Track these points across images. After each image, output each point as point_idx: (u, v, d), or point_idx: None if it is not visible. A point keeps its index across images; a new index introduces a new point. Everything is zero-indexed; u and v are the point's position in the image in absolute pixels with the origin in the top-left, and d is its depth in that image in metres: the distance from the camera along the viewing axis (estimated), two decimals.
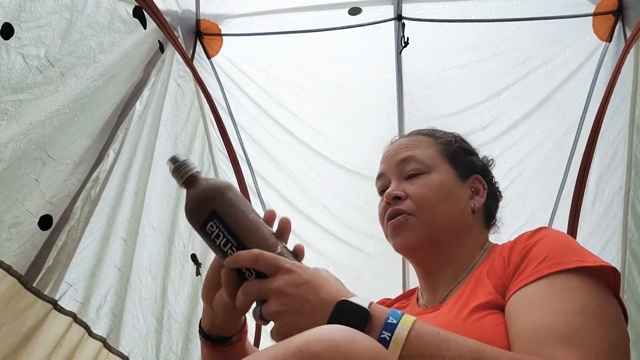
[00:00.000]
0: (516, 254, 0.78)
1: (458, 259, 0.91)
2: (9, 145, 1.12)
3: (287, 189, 2.23)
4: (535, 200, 2.10)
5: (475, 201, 0.95)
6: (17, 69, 1.13)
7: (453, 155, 0.97)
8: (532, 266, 0.74)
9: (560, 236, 0.79)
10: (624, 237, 1.78)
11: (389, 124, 2.13)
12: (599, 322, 0.66)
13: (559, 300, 0.68)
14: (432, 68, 2.03)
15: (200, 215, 0.66)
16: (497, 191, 1.03)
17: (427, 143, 0.98)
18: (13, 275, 1.20)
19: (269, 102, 2.10)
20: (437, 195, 0.90)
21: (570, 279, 0.70)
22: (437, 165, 0.94)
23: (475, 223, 0.95)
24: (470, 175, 0.97)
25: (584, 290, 0.69)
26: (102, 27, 1.39)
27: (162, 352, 1.74)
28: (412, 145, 0.97)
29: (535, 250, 0.76)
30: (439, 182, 0.92)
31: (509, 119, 2.03)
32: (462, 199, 0.93)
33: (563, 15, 1.87)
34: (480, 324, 0.73)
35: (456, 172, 0.95)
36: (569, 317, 0.66)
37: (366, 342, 0.55)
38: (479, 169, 0.99)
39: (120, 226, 1.57)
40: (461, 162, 0.96)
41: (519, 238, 0.82)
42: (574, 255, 0.73)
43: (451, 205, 0.91)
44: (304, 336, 0.54)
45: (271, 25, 1.98)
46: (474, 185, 0.97)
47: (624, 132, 1.77)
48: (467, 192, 0.95)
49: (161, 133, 1.75)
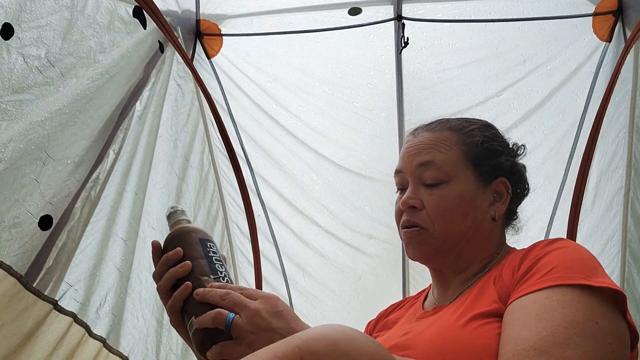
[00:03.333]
0: (526, 262, 0.76)
1: (475, 263, 0.88)
2: (9, 146, 1.12)
3: (287, 189, 2.23)
4: (535, 200, 2.09)
5: (496, 208, 0.88)
6: (18, 69, 1.13)
7: (478, 159, 0.88)
8: (537, 277, 0.71)
9: (575, 250, 0.75)
10: (624, 238, 1.78)
11: (389, 124, 2.13)
12: (586, 336, 0.63)
13: (549, 312, 0.66)
14: (432, 68, 2.03)
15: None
16: (524, 190, 0.96)
17: (452, 142, 0.89)
18: (13, 276, 1.20)
19: (269, 103, 2.10)
20: (456, 208, 0.85)
21: (569, 293, 0.67)
22: (458, 173, 0.87)
23: (495, 228, 0.90)
24: (495, 179, 0.89)
25: (580, 306, 0.66)
26: (102, 27, 1.38)
27: (162, 353, 1.74)
28: (434, 145, 0.88)
29: (544, 261, 0.73)
30: (458, 193, 0.85)
31: (509, 119, 2.03)
32: (481, 208, 0.87)
33: (563, 15, 1.87)
34: (480, 332, 0.71)
35: (479, 178, 0.88)
36: (554, 330, 0.64)
37: (366, 342, 0.55)
38: (506, 171, 0.91)
39: (120, 226, 1.57)
40: (487, 165, 0.89)
41: (534, 246, 0.79)
42: (582, 272, 0.70)
43: (469, 217, 0.86)
44: (304, 335, 0.54)
45: (271, 25, 1.98)
46: (497, 189, 0.89)
47: (623, 132, 1.77)
48: (488, 198, 0.88)
49: (161, 133, 1.75)
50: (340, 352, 0.52)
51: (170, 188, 1.81)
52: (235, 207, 2.20)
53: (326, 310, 2.34)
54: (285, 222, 2.27)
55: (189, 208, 1.93)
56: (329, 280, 2.31)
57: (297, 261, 2.30)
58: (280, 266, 2.30)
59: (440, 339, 0.73)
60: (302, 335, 0.54)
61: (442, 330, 0.75)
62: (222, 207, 2.15)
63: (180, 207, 0.81)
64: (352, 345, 0.54)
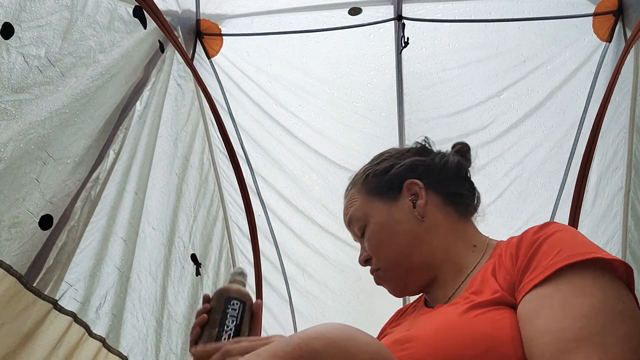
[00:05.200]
0: (525, 249, 0.74)
1: (447, 264, 0.89)
2: (9, 145, 1.12)
3: (287, 189, 2.23)
4: (535, 200, 2.10)
5: (418, 206, 0.91)
6: (18, 69, 1.13)
7: (374, 187, 0.96)
8: (546, 261, 0.70)
9: (571, 230, 0.75)
10: (624, 238, 1.78)
11: (389, 124, 2.13)
12: (618, 320, 0.63)
13: (576, 298, 0.65)
14: (432, 68, 2.03)
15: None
16: (441, 169, 0.95)
17: (355, 194, 0.98)
18: (13, 275, 1.20)
19: (269, 102, 2.10)
20: (383, 237, 0.92)
21: (586, 274, 0.66)
22: (369, 211, 0.94)
23: (435, 223, 0.91)
24: (400, 188, 0.93)
25: (601, 286, 0.65)
26: (102, 27, 1.39)
27: (161, 352, 1.74)
28: (348, 206, 0.99)
29: (547, 245, 0.72)
30: (377, 225, 0.93)
31: (509, 119, 2.03)
32: (405, 218, 0.91)
33: (563, 15, 1.87)
34: (478, 320, 0.71)
35: (385, 198, 0.93)
36: (588, 317, 0.63)
37: (366, 340, 0.55)
38: (405, 173, 0.95)
39: (120, 226, 1.57)
40: (383, 185, 0.94)
41: (526, 233, 0.78)
42: (588, 247, 0.69)
43: (399, 233, 0.91)
44: (304, 334, 0.54)
45: (271, 25, 1.98)
46: (410, 192, 0.93)
47: (624, 132, 1.77)
48: (407, 205, 0.92)
49: (161, 133, 1.75)
50: (340, 350, 0.52)
51: (170, 188, 1.81)
52: (236, 207, 2.20)
53: (326, 310, 2.34)
54: (285, 222, 2.27)
55: (189, 208, 1.93)
56: (329, 280, 2.31)
57: (297, 261, 2.30)
58: (281, 266, 2.30)
59: (439, 329, 0.73)
60: (302, 334, 0.54)
61: (441, 322, 0.75)
62: (222, 207, 2.15)
63: (243, 270, 0.92)
64: (352, 343, 0.53)
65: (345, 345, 0.53)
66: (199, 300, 1.95)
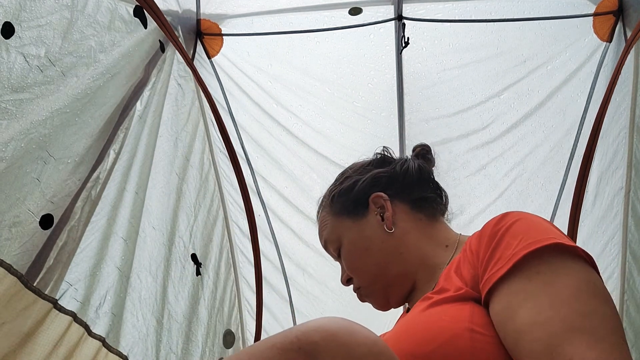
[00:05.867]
0: (487, 242, 0.72)
1: (421, 270, 0.89)
2: (9, 145, 1.12)
3: (288, 189, 2.23)
4: (536, 200, 2.10)
5: (386, 218, 0.92)
6: (18, 69, 1.13)
7: (340, 208, 0.97)
8: (508, 251, 0.68)
9: (531, 217, 0.73)
10: (624, 238, 1.78)
11: (389, 124, 2.13)
12: (596, 300, 0.62)
13: (551, 287, 0.63)
14: (432, 68, 2.03)
15: None
16: (404, 177, 0.96)
17: (326, 218, 1.00)
18: (14, 275, 1.20)
19: (269, 102, 2.10)
20: (357, 254, 0.93)
21: (553, 260, 0.65)
22: (341, 232, 0.96)
23: (405, 231, 0.91)
24: (366, 204, 0.94)
25: (570, 269, 0.64)
26: (103, 26, 1.39)
27: (161, 352, 1.74)
28: (321, 229, 1.01)
29: (509, 235, 0.70)
30: (350, 244, 0.94)
31: (509, 119, 2.03)
32: (375, 233, 0.92)
33: (563, 15, 1.87)
34: (440, 313, 0.69)
35: (353, 216, 0.95)
36: (568, 303, 0.61)
37: (364, 333, 0.56)
38: (368, 190, 0.95)
39: (121, 226, 1.57)
40: (350, 204, 0.95)
41: (486, 225, 0.76)
42: (549, 233, 0.68)
43: (371, 248, 0.92)
44: (303, 326, 0.55)
45: (271, 25, 1.98)
46: (376, 206, 0.94)
47: (624, 132, 1.77)
48: (375, 220, 0.93)
49: (161, 133, 1.75)
50: (338, 343, 0.52)
51: (170, 187, 1.81)
52: (236, 207, 2.20)
53: (326, 310, 2.34)
54: (285, 221, 2.27)
55: (189, 208, 1.93)
56: (329, 280, 2.31)
57: (297, 261, 2.30)
58: (281, 266, 2.30)
59: (400, 330, 0.74)
60: (300, 327, 0.54)
61: (405, 321, 0.76)
62: (222, 207, 2.16)
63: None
64: (350, 336, 0.54)
65: (343, 338, 0.53)
66: (199, 300, 1.95)
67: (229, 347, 2.11)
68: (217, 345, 2.04)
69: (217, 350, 2.03)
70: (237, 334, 2.19)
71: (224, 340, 2.09)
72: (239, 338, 2.20)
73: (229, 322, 2.15)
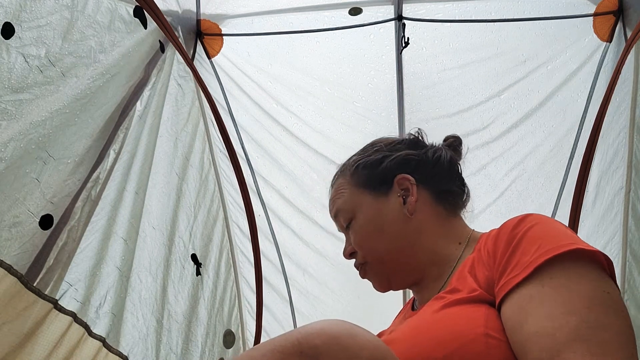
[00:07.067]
0: (504, 246, 0.71)
1: (432, 266, 0.87)
2: (9, 145, 1.12)
3: (288, 189, 2.23)
4: (536, 200, 2.10)
5: (408, 203, 0.88)
6: (18, 69, 1.13)
7: (364, 179, 0.93)
8: (526, 258, 0.67)
9: (550, 222, 0.72)
10: (625, 238, 1.78)
11: (389, 124, 2.13)
12: (607, 311, 0.61)
13: (563, 294, 0.62)
14: (432, 68, 2.03)
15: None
16: (434, 165, 0.92)
17: (344, 185, 0.95)
18: (14, 275, 1.20)
19: (269, 102, 2.10)
20: (370, 231, 0.89)
21: (569, 267, 0.64)
22: (357, 203, 0.92)
23: (423, 221, 0.88)
24: (392, 182, 0.91)
25: (586, 277, 0.63)
26: (103, 27, 1.39)
27: (161, 352, 1.74)
28: (335, 196, 0.96)
29: (526, 241, 0.69)
30: (364, 219, 0.90)
31: (509, 119, 2.03)
32: (394, 214, 0.88)
33: (563, 15, 1.87)
34: (454, 316, 0.68)
35: (376, 192, 0.91)
36: (579, 313, 0.60)
37: (366, 336, 0.55)
38: (397, 167, 0.91)
39: (121, 226, 1.57)
40: (374, 179, 0.92)
41: (504, 226, 0.75)
42: (568, 238, 0.67)
43: (387, 229, 0.88)
44: (304, 329, 0.54)
45: (271, 25, 1.98)
46: (401, 187, 0.90)
47: (624, 132, 1.77)
48: (397, 201, 0.89)
49: (161, 133, 1.75)
50: (340, 346, 0.52)
51: (170, 187, 1.81)
52: (236, 207, 2.20)
53: (326, 310, 2.34)
54: (285, 222, 2.27)
55: (190, 208, 1.93)
56: (330, 280, 2.31)
57: (297, 261, 2.30)
58: (281, 266, 2.30)
59: (412, 331, 0.72)
60: (302, 329, 0.54)
61: (415, 323, 0.74)
62: (222, 207, 2.15)
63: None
64: (352, 339, 0.53)
65: (345, 341, 0.53)
66: (199, 300, 1.95)
67: (229, 347, 2.11)
68: (217, 345, 2.04)
69: (217, 351, 2.03)
70: (237, 334, 2.19)
71: (224, 340, 2.09)
72: (239, 338, 2.20)
73: (229, 322, 2.15)
